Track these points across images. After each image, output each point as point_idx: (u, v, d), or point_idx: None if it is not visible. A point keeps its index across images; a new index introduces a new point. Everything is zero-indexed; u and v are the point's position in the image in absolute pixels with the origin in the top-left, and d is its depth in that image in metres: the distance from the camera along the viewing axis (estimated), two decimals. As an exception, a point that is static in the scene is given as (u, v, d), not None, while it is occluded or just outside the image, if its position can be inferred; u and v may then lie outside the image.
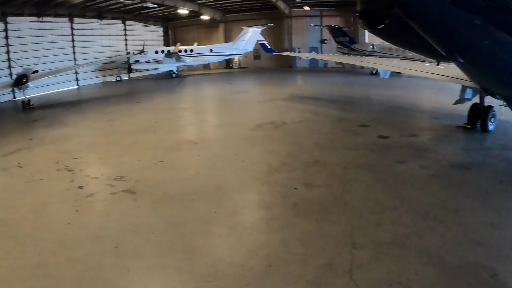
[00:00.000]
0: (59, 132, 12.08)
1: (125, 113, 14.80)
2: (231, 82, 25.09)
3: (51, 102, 21.52)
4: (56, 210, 6.08)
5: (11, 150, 10.10)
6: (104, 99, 20.44)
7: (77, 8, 29.43)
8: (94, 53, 31.45)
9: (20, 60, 23.81)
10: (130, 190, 6.60)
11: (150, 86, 27.24)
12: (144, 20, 37.45)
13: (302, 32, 34.02)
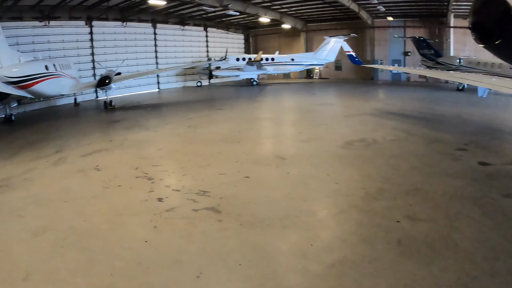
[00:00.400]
0: (139, 135, 13.37)
1: (207, 120, 16.12)
2: (314, 93, 27.34)
3: (132, 103, 24.46)
4: (133, 223, 6.37)
5: (90, 151, 11.41)
6: (185, 104, 22.61)
7: (160, 14, 34.85)
8: (176, 58, 36.84)
9: (103, 62, 28.62)
10: (214, 208, 6.79)
11: (231, 93, 29.90)
12: (226, 27, 42.85)
13: (384, 44, 37.38)
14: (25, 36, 26.11)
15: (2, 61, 15.35)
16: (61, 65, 21.30)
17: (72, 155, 11.23)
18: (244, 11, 31.63)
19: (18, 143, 14.15)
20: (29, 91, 17.53)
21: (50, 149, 12.30)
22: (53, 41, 27.69)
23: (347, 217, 6.43)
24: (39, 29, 26.85)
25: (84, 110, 24.09)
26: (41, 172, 9.68)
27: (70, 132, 15.70)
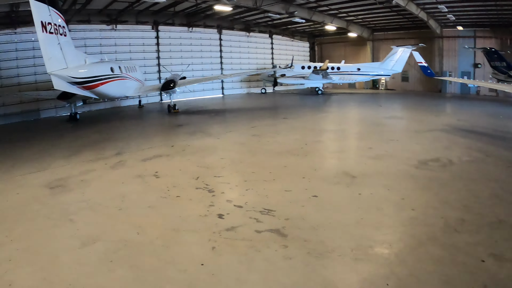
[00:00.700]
0: (201, 142, 13.28)
1: (271, 129, 15.82)
2: (381, 105, 26.76)
3: (196, 108, 24.94)
4: (189, 241, 5.95)
5: (150, 156, 11.45)
6: (249, 111, 22.50)
7: (225, 20, 36.18)
8: (241, 64, 38.12)
9: (169, 66, 29.86)
10: (279, 231, 6.26)
11: (295, 101, 30.08)
12: (291, 34, 43.90)
13: (453, 54, 36.73)
14: (92, 38, 27.96)
15: (68, 61, 16.15)
16: (126, 68, 22.19)
17: (132, 158, 11.36)
18: (310, 18, 31.95)
19: (79, 142, 14.87)
20: (93, 91, 18.37)
21: (110, 151, 12.65)
22: (119, 44, 29.34)
23: (426, 251, 5.83)
24: (106, 32, 28.64)
25: (147, 112, 24.99)
26: (98, 174, 9.79)
27: (132, 134, 16.20)
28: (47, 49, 15.02)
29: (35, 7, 14.40)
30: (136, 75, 23.46)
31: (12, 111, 25.10)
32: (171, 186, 8.38)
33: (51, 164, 11.36)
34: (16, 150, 14.49)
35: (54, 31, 15.35)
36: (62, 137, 16.97)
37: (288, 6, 29.00)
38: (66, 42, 16.24)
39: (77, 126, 20.20)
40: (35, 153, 13.32)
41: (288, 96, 34.15)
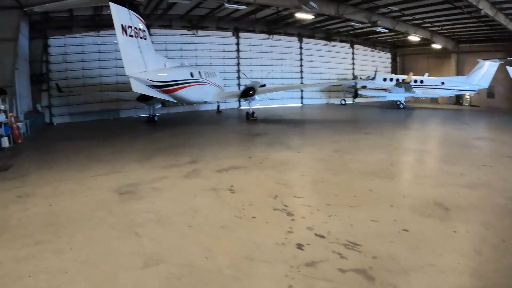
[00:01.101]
0: (280, 155, 12.48)
1: (354, 145, 14.65)
2: (467, 123, 24.41)
3: (274, 117, 24.42)
4: (263, 275, 5.05)
5: (226, 166, 10.88)
6: (329, 123, 21.45)
7: (306, 29, 35.95)
8: (321, 74, 37.56)
9: (248, 73, 30.01)
10: (365, 272, 5.24)
11: (377, 115, 28.57)
12: (372, 45, 42.82)
13: None
14: (173, 43, 28.88)
15: (147, 65, 16.36)
16: (206, 73, 22.27)
17: (207, 168, 10.89)
18: (393, 28, 30.92)
19: (154, 146, 14.95)
20: (172, 95, 18.51)
21: (185, 158, 12.38)
22: (200, 50, 29.98)
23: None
24: (187, 38, 29.46)
25: (225, 118, 25.01)
26: (171, 183, 9.38)
27: (209, 141, 15.99)
28: (126, 52, 15.32)
29: (115, 11, 14.76)
30: (215, 81, 23.50)
31: (93, 110, 26.60)
32: (246, 204, 7.61)
33: (124, 167, 11.31)
34: (92, 148, 14.98)
35: (134, 34, 15.64)
36: (138, 138, 17.31)
37: (371, 15, 27.82)
38: (146, 46, 16.50)
39: (154, 128, 20.59)
40: (109, 154, 13.58)
41: (369, 109, 32.76)
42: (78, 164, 11.99)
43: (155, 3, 24.36)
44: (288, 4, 23.84)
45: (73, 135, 20.10)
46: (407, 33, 32.90)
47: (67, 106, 26.09)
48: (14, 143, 17.60)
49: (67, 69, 25.56)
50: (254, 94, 21.40)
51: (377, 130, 18.91)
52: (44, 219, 7.16)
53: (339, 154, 12.72)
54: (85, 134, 20.49)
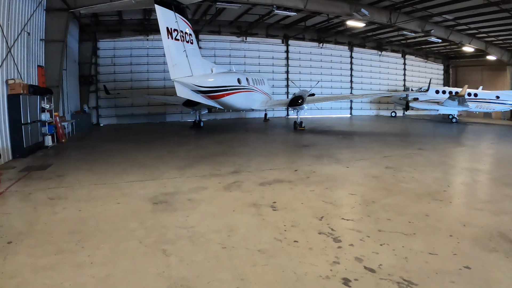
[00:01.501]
0: (328, 169, 11.58)
1: (406, 161, 13.42)
2: None
3: (322, 128, 23.55)
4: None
5: (270, 179, 10.12)
6: (380, 136, 20.28)
7: (357, 38, 35.12)
8: (371, 84, 36.55)
9: (297, 82, 29.67)
10: None
11: (429, 129, 26.91)
12: (425, 55, 41.41)
13: None
14: (222, 49, 28.80)
15: (193, 69, 16.04)
16: (254, 80, 21.78)
17: (249, 180, 10.16)
18: (446, 38, 29.70)
19: (197, 152, 14.56)
20: (218, 101, 18.12)
21: (227, 167, 11.80)
22: (249, 56, 29.72)
23: None
24: (236, 44, 29.32)
25: (272, 127, 24.45)
26: (209, 195, 8.74)
27: (254, 150, 15.46)
28: (171, 56, 15.07)
29: (161, 13, 14.55)
30: (263, 88, 22.98)
31: (140, 112, 26.98)
32: (289, 225, 6.77)
33: (162, 174, 10.87)
34: (134, 152, 14.84)
35: (180, 38, 15.37)
36: (182, 144, 16.99)
37: (424, 24, 26.57)
38: (192, 50, 16.19)
39: (199, 134, 20.32)
40: (150, 159, 13.28)
41: (420, 123, 31.04)
42: (117, 168, 11.77)
43: (204, 8, 24.30)
44: (339, 11, 23.01)
45: (117, 137, 20.23)
46: (461, 44, 31.69)
47: (114, 108, 26.57)
48: (58, 142, 18.07)
49: (115, 72, 26.10)
50: (303, 103, 20.66)
51: (430, 145, 17.49)
52: (71, 225, 6.76)
53: (391, 171, 11.62)
54: (129, 136, 20.61)
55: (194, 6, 23.81)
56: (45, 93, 17.33)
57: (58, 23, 19.08)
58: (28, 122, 14.80)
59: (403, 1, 23.08)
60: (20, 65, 15.59)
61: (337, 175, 10.82)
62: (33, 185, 9.77)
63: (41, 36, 18.46)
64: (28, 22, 16.44)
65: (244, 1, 21.09)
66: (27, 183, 10.04)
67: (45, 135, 16.77)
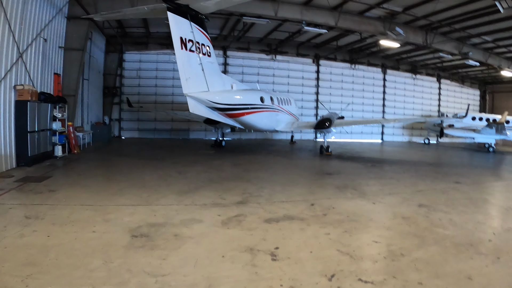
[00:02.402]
0: (351, 205, 9.82)
1: (442, 198, 11.34)
2: None
3: (351, 153, 21.75)
4: None
5: (279, 215, 8.50)
6: (412, 166, 18.21)
7: (391, 60, 33.30)
8: (404, 109, 34.35)
9: (327, 103, 28.13)
10: None
11: (464, 158, 24.34)
12: (460, 80, 39.26)
13: None
14: (250, 67, 27.66)
15: (210, 84, 14.78)
16: (279, 99, 20.39)
17: (255, 214, 8.53)
18: (485, 61, 27.88)
19: (208, 175, 13.23)
20: (238, 120, 16.79)
21: (234, 195, 10.27)
22: (278, 75, 28.47)
23: None
24: (265, 62, 28.19)
25: (297, 150, 22.97)
26: (202, 230, 7.20)
27: (271, 175, 13.95)
28: (185, 68, 13.82)
29: (174, 22, 13.40)
30: (289, 109, 21.51)
31: (163, 127, 26.08)
32: (287, 285, 5.12)
33: (160, 198, 9.52)
34: (141, 169, 13.83)
35: (196, 49, 14.16)
36: (195, 164, 15.74)
37: (461, 46, 24.74)
38: (209, 63, 14.91)
39: (217, 154, 19.09)
40: (155, 179, 12.11)
41: (455, 151, 28.59)
42: (115, 187, 10.66)
43: (232, 23, 23.33)
44: (372, 30, 21.49)
45: (132, 152, 19.36)
46: (500, 68, 29.72)
47: (137, 121, 25.79)
48: (70, 153, 17.34)
49: (140, 85, 25.45)
50: (330, 126, 18.98)
51: (467, 178, 15.23)
52: (30, 254, 5.68)
53: (424, 211, 9.69)
54: (144, 152, 19.80)
55: (222, 20, 22.93)
56: (58, 102, 16.72)
57: (78, 32, 18.87)
58: (36, 130, 14.17)
59: (440, 20, 21.29)
60: (33, 72, 14.96)
61: (360, 213, 9.05)
62: (19, 199, 9.06)
63: (60, 44, 18.16)
64: (45, 28, 16.04)
65: (272, 16, 19.95)
66: (14, 196, 9.32)
67: (55, 145, 16.11)
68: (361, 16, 21.33)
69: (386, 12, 21.07)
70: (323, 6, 20.15)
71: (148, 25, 23.83)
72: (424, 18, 21.19)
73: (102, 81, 25.03)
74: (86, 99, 22.21)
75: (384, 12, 21.04)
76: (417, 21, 21.83)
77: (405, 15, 20.90)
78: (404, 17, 21.43)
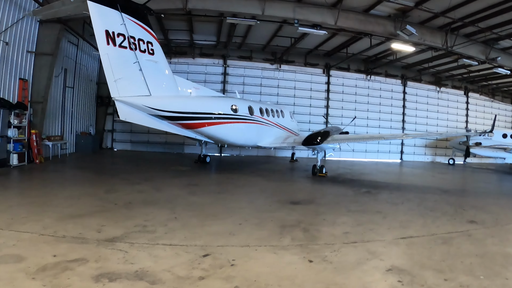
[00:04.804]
0: (269, 261, 5.62)
1: (438, 253, 6.64)
2: None
3: (352, 175, 17.57)
4: None
5: (133, 267, 4.49)
6: (420, 193, 13.14)
7: (411, 70, 28.05)
8: (427, 125, 28.83)
9: (339, 118, 24.32)
10: None
11: (491, 184, 18.69)
12: (491, 93, 33.14)
13: None
14: (252, 77, 23.90)
15: (153, 88, 11.17)
16: (266, 110, 16.36)
17: (102, 261, 4.89)
18: None
19: (129, 197, 9.95)
20: (199, 132, 13.02)
21: (119, 227, 6.89)
22: (283, 86, 24.51)
23: None
24: (268, 72, 24.38)
25: (291, 170, 18.85)
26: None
27: (211, 202, 10.02)
28: (113, 67, 10.37)
29: (96, 12, 9.99)
30: (280, 122, 17.41)
31: (156, 141, 22.85)
32: None
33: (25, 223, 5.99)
34: (81, 188, 10.93)
35: (130, 45, 10.62)
36: (146, 181, 12.48)
37: (488, 50, 19.35)
38: (151, 63, 11.26)
39: (191, 171, 15.86)
40: (64, 199, 9.19)
41: (481, 174, 22.56)
42: (23, 211, 7.75)
43: (226, 28, 19.74)
44: (381, 31, 17.01)
45: (107, 167, 16.85)
46: None
47: (130, 133, 22.72)
48: (32, 163, 15.17)
49: (134, 95, 22.33)
50: (322, 142, 14.54)
51: (489, 214, 10.10)
52: None
53: (404, 283, 5.23)
54: (115, 166, 17.23)
55: (214, 25, 19.41)
56: (15, 108, 14.27)
57: (49, 36, 16.25)
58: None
59: (462, 17, 16.33)
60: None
61: (268, 282, 4.81)
62: None
63: (29, 48, 15.71)
64: (7, 31, 13.97)
65: (259, 16, 16.16)
66: None
67: (10, 153, 13.94)
68: (367, 15, 16.93)
69: (396, 9, 16.56)
70: (319, 2, 16.04)
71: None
72: (443, 14, 16.37)
73: (95, 90, 22.35)
74: (69, 108, 19.47)
75: (394, 9, 16.55)
76: (435, 19, 17.06)
77: (419, 10, 16.21)
78: (418, 14, 16.75)
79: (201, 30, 20.57)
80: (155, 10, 15.95)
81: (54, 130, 18.13)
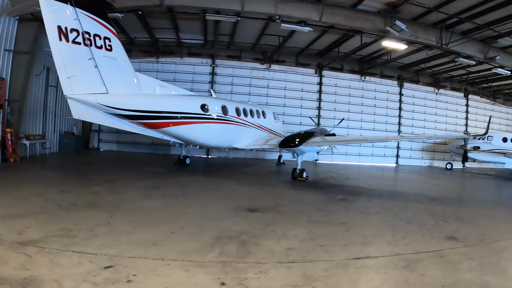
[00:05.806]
0: (262, 286, 4.64)
1: (443, 266, 5.79)
2: None
3: (335, 179, 16.28)
4: None
5: None
6: (403, 202, 11.65)
7: (408, 71, 26.37)
8: (425, 128, 27.07)
9: (331, 120, 22.72)
10: None
11: (486, 191, 17.00)
12: (492, 96, 31.02)
13: None
14: (241, 77, 22.83)
15: (110, 85, 10.22)
16: (246, 111, 15.25)
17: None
18: None
19: (80, 198, 9.22)
20: (164, 132, 12.05)
21: (40, 231, 6.11)
22: (272, 86, 23.33)
23: None
24: (258, 72, 23.26)
25: (272, 173, 17.69)
26: None
27: (163, 206, 9.08)
28: (65, 64, 9.42)
29: (47, 6, 9.11)
30: (262, 122, 16.29)
31: (142, 141, 21.85)
32: None
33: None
34: (27, 187, 10.16)
35: (84, 41, 9.68)
36: (109, 183, 11.51)
37: (487, 48, 17.83)
38: (109, 59, 10.29)
39: (168, 173, 15.06)
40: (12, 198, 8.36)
41: (479, 179, 21.11)
42: None
43: (212, 26, 18.70)
44: (370, 27, 15.74)
45: (80, 167, 15.87)
46: None
47: (116, 133, 21.83)
48: (6, 161, 14.66)
49: (121, 94, 21.50)
50: (300, 145, 13.34)
51: (474, 229, 8.58)
52: None
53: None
54: (90, 166, 16.66)
55: (198, 23, 18.39)
56: None
57: (27, 34, 15.70)
58: None
59: (457, 13, 14.88)
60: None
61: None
62: None
63: (7, 46, 15.20)
64: None
65: (238, 12, 15.08)
66: None
67: None
68: (354, 10, 15.64)
69: (385, 4, 15.21)
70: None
71: (129, 30, 20.05)
72: (436, 9, 14.93)
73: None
74: (51, 107, 18.75)
75: (383, 4, 15.22)
76: (428, 15, 15.63)
77: (410, 5, 14.82)
78: (409, 9, 15.38)
79: (186, 29, 19.56)
80: (131, 7, 15.32)
81: (34, 129, 17.43)
